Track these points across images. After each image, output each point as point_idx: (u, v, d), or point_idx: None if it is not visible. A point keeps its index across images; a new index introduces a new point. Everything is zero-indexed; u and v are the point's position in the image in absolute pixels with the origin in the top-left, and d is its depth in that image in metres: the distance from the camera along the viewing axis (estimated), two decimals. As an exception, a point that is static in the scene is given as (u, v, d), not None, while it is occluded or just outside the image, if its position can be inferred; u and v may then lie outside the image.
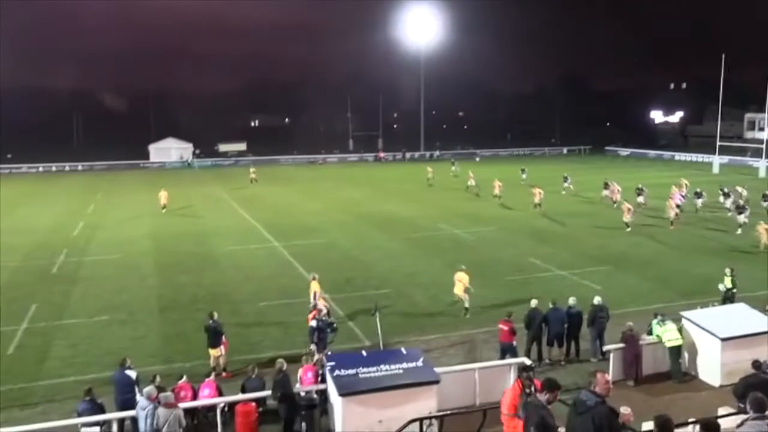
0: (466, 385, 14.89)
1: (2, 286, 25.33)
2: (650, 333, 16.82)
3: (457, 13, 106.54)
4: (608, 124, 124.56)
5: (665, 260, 28.21)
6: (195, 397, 14.05)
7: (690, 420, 9.63)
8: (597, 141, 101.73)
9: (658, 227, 35.25)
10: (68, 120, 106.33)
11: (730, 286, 20.43)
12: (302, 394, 13.99)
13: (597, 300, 18.21)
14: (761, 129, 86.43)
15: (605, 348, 16.99)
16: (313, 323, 16.86)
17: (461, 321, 20.80)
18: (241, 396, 13.99)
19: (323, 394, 14.21)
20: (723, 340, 15.71)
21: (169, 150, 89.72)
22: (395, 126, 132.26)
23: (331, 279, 25.18)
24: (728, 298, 20.27)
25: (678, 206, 37.39)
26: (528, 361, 16.09)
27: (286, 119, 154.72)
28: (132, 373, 14.12)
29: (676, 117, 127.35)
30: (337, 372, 13.56)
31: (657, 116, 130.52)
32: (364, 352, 15.30)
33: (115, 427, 13.03)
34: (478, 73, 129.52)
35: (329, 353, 15.65)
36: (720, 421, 7.95)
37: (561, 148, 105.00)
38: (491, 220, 38.07)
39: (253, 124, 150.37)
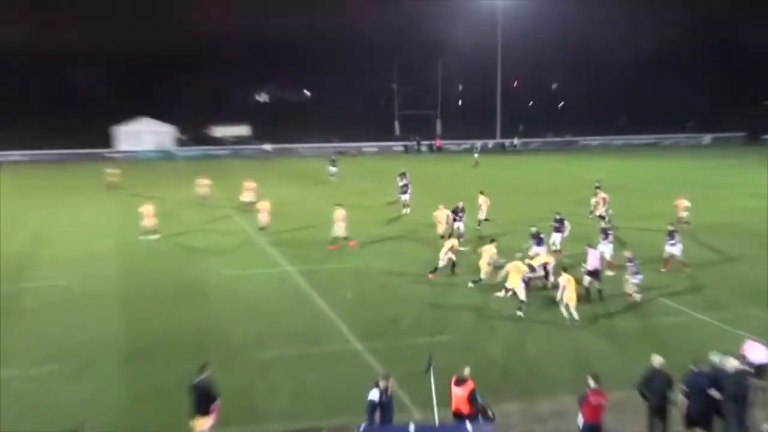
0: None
1: None
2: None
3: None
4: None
5: None
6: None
7: None
8: (754, 127, 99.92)
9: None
10: None
11: None
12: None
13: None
14: None
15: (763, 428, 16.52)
16: (375, 397, 16.52)
17: (552, 384, 20.54)
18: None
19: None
20: None
21: (143, 134, 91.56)
22: (460, 102, 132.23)
23: (365, 320, 25.43)
24: None
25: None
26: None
27: (306, 92, 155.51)
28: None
29: None
30: (373, 454, 13.51)
31: None
32: (412, 426, 15.20)
33: None
34: (580, 30, 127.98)
35: (362, 426, 15.57)
36: None
37: (701, 135, 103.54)
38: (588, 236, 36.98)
39: (260, 99, 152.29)
